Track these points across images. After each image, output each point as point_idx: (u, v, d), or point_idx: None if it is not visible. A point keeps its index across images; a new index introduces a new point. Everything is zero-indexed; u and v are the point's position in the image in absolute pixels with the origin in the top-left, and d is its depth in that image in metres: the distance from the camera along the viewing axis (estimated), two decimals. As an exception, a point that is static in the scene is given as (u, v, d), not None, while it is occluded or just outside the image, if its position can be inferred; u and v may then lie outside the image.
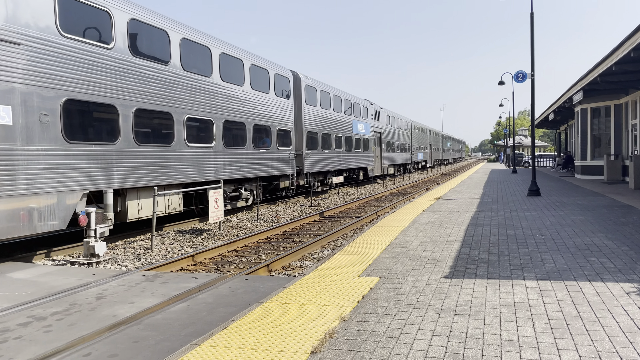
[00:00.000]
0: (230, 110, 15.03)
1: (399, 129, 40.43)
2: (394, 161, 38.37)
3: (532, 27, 16.53)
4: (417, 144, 48.50)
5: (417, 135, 48.90)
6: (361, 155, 28.94)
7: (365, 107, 30.56)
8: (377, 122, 33.51)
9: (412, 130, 45.93)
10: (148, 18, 11.76)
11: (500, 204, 13.99)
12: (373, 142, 31.86)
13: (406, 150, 43.18)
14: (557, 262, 6.56)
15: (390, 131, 37.07)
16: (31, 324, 5.22)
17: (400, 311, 4.73)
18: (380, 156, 34.31)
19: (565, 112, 28.74)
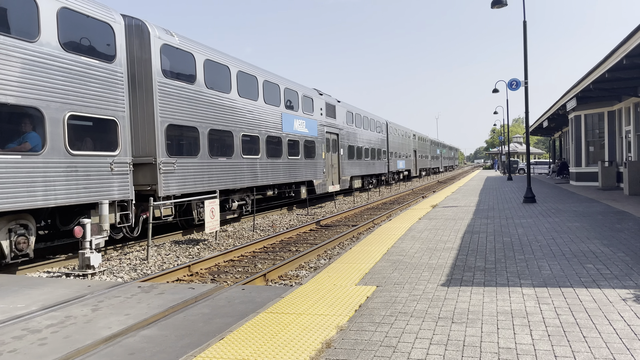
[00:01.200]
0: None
1: (367, 131, 31.81)
2: (360, 171, 29.79)
3: (525, 35, 16.67)
4: (396, 150, 40.48)
5: (397, 140, 41.04)
6: (301, 164, 20.90)
7: (310, 98, 22.24)
8: (332, 120, 24.93)
9: (387, 133, 37.65)
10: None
11: (496, 211, 14.02)
12: (323, 146, 23.44)
13: (379, 158, 34.36)
14: (553, 269, 6.57)
15: (352, 132, 28.45)
16: (26, 337, 5.17)
17: (398, 320, 4.72)
18: (337, 165, 25.81)
19: (560, 119, 28.92)
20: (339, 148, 25.93)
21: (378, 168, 34.24)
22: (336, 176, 25.61)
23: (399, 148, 42.02)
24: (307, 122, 21.74)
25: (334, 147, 25.40)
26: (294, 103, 20.49)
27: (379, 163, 34.74)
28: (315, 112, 22.65)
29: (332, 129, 25.03)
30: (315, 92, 23.10)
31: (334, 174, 25.08)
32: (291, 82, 20.43)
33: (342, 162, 26.35)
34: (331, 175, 24.64)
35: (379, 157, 34.78)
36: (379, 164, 34.74)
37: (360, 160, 29.89)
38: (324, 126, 23.78)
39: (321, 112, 23.45)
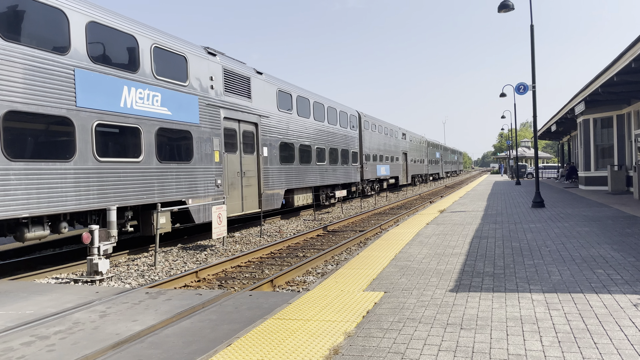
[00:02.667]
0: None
1: (321, 123, 22.67)
2: (307, 181, 20.69)
3: (532, 39, 16.61)
4: (376, 152, 31.87)
5: (377, 139, 32.35)
6: (151, 172, 11.74)
7: (175, 55, 12.90)
8: (240, 100, 15.59)
9: (361, 128, 28.98)
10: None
11: (504, 216, 13.93)
12: (217, 142, 14.25)
13: (345, 162, 25.52)
14: (563, 275, 6.50)
15: (288, 123, 18.98)
16: (34, 343, 5.18)
17: (406, 326, 4.68)
18: (257, 173, 16.52)
19: (568, 123, 28.75)
20: (258, 146, 16.49)
21: (345, 175, 25.38)
22: (253, 190, 16.17)
23: (381, 149, 33.25)
24: (167, 96, 12.20)
25: (249, 144, 16.06)
26: (120, 55, 11.16)
27: (347, 169, 25.70)
28: (191, 82, 13.15)
29: (240, 115, 15.46)
30: (194, 48, 13.69)
31: (246, 187, 15.77)
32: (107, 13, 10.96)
33: (266, 168, 16.92)
34: (239, 189, 15.32)
35: (346, 160, 25.68)
36: (347, 170, 25.73)
37: (307, 165, 20.65)
38: (217, 108, 14.26)
39: (211, 83, 13.98)
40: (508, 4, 16.02)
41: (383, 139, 34.15)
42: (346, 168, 25.79)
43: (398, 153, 38.83)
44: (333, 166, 23.91)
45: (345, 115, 26.43)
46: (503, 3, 16.05)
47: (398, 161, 38.73)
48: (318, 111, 22.55)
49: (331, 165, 23.65)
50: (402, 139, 40.70)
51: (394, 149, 37.51)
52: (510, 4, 16.04)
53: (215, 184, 13.99)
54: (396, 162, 37.98)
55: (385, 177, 34.14)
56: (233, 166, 15.12)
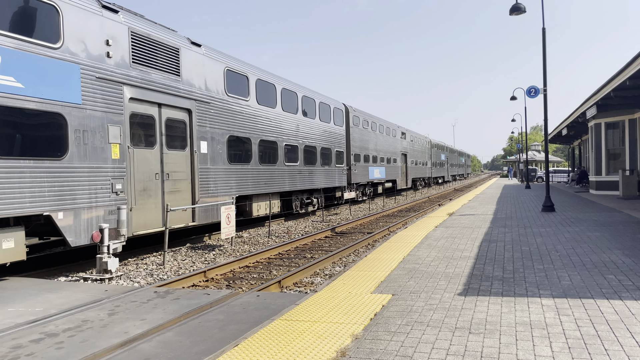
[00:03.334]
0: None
1: (294, 115, 18.96)
2: (272, 186, 17.06)
3: (544, 42, 16.50)
4: (369, 152, 28.48)
5: (369, 137, 28.79)
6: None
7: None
8: (169, 78, 12.03)
9: (349, 124, 25.41)
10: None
11: (514, 219, 13.83)
12: (122, 133, 10.53)
13: (327, 163, 22.04)
14: (573, 280, 6.44)
15: (237, 108, 15.12)
16: (43, 340, 5.22)
17: (414, 329, 4.66)
18: (192, 177, 12.89)
19: (579, 127, 28.51)
20: (192, 140, 12.75)
21: (327, 178, 21.98)
22: (183, 197, 12.33)
23: (375, 149, 29.69)
24: (15, 59, 8.48)
25: (177, 137, 12.29)
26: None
27: (329, 171, 22.27)
28: (68, 43, 9.48)
29: (163, 98, 11.69)
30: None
31: (171, 194, 11.93)
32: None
33: (205, 169, 13.21)
34: (158, 197, 11.49)
35: (328, 161, 22.10)
36: (330, 172, 22.31)
37: (270, 165, 16.94)
38: (118, 85, 10.52)
39: (107, 50, 10.31)
40: (520, 6, 15.93)
41: (377, 138, 30.45)
42: (329, 170, 22.21)
43: (396, 154, 35.17)
44: (309, 168, 20.14)
45: (328, 108, 22.57)
46: (515, 6, 15.96)
47: (396, 163, 35.01)
48: (289, 100, 18.56)
49: (307, 167, 19.86)
50: (401, 139, 37.05)
51: (391, 149, 33.90)
52: (522, 6, 15.94)
53: (112, 189, 10.18)
54: (393, 163, 34.32)
55: (379, 180, 30.52)
56: (147, 166, 11.18)
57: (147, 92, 11.28)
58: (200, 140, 13.12)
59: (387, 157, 32.84)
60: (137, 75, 11.04)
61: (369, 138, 28.83)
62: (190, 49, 12.95)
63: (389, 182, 33.37)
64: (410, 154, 40.14)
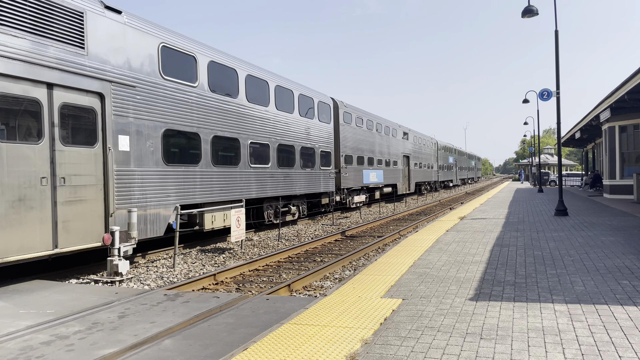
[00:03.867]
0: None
1: (266, 109, 16.13)
2: (229, 192, 13.99)
3: (557, 44, 16.36)
4: (363, 154, 25.64)
5: (363, 137, 25.88)
6: None
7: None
8: (66, 51, 9.10)
9: (339, 121, 22.83)
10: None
11: (526, 224, 13.69)
12: None
13: (309, 165, 19.15)
14: (587, 285, 6.34)
15: (178, 96, 12.08)
16: (54, 342, 5.25)
17: (424, 334, 4.61)
18: (105, 182, 9.82)
19: (592, 130, 28.21)
20: (106, 133, 10.00)
21: (308, 182, 18.86)
22: (89, 209, 9.47)
23: (370, 150, 26.83)
24: None
25: (82, 129, 9.58)
26: None
27: (312, 175, 19.25)
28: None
29: (56, 76, 8.97)
30: None
31: (69, 205, 9.09)
32: None
33: (125, 172, 10.44)
34: (45, 210, 8.66)
35: (310, 163, 19.09)
36: (313, 176, 19.30)
37: (230, 167, 14.00)
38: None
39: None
40: (532, 9, 15.81)
41: (374, 138, 27.60)
42: (311, 173, 19.16)
43: (397, 156, 32.27)
44: (285, 170, 17.03)
45: (310, 102, 19.36)
46: (527, 8, 15.85)
47: (396, 166, 31.97)
48: (257, 90, 15.45)
49: (282, 169, 16.80)
50: (402, 140, 34.04)
51: (391, 151, 31.02)
52: (535, 9, 15.82)
53: None
54: (393, 166, 31.37)
55: (376, 185, 27.55)
56: (26, 167, 8.38)
57: (26, 67, 8.41)
58: (119, 134, 10.23)
59: (386, 160, 30.03)
60: (8, 43, 8.15)
61: (363, 138, 26.06)
62: (103, 14, 9.95)
63: (389, 186, 30.56)
64: (414, 156, 37.18)
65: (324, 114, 20.80)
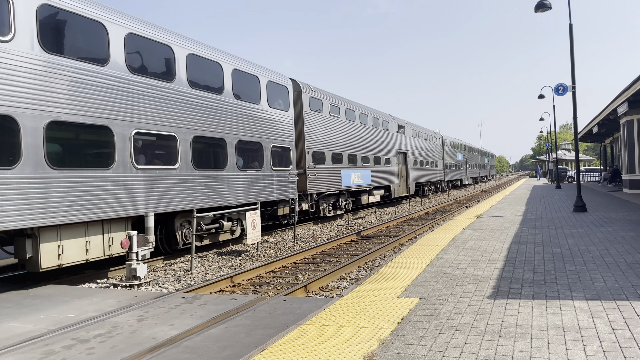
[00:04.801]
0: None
1: (181, 88, 11.65)
2: (102, 206, 9.36)
3: (572, 38, 16.15)
4: (340, 149, 21.14)
5: (341, 129, 21.46)
6: None
7: None
8: None
9: (302, 109, 18.18)
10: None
11: (544, 220, 13.53)
12: None
13: (255, 166, 14.60)
14: (607, 281, 6.24)
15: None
16: (75, 346, 5.32)
17: (442, 333, 4.58)
18: None
19: (610, 124, 27.77)
20: None
21: (256, 188, 14.52)
22: None
23: (352, 146, 22.37)
24: None
25: None
26: None
27: (259, 178, 14.69)
28: None
29: None
30: None
31: None
32: None
33: None
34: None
35: (256, 162, 14.71)
36: (264, 179, 14.93)
37: (88, 170, 9.20)
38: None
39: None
40: (545, 3, 15.62)
41: (355, 131, 22.87)
42: (256, 176, 14.42)
43: (390, 153, 27.46)
44: (208, 172, 12.47)
45: (253, 81, 14.56)
46: (540, 3, 15.66)
47: (389, 164, 27.19)
48: (151, 58, 11.07)
49: (201, 171, 12.21)
50: (398, 134, 29.24)
51: (382, 147, 26.25)
52: (548, 3, 15.63)
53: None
54: (385, 165, 26.60)
55: (361, 187, 23.10)
56: None
57: None
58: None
59: (375, 157, 25.22)
60: None
61: (341, 131, 21.26)
62: None
63: (380, 188, 25.93)
64: (412, 153, 32.14)
65: (278, 98, 15.77)
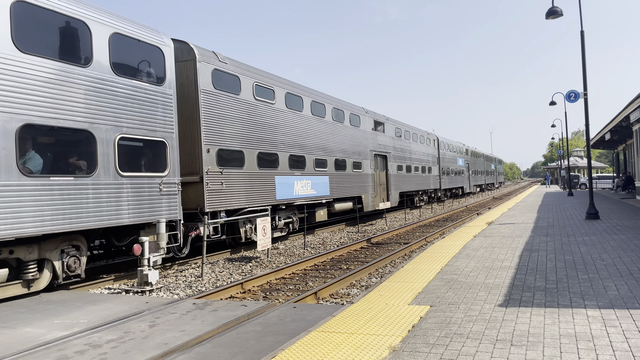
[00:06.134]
0: None
1: None
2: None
3: (583, 45, 16.06)
4: (270, 146, 15.14)
5: (276, 118, 15.50)
6: None
7: None
8: None
9: (197, 80, 12.31)
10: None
11: (556, 228, 13.42)
12: None
13: (99, 172, 9.04)
14: (620, 290, 6.18)
15: None
16: (87, 351, 5.37)
17: (453, 341, 4.57)
18: None
19: (623, 131, 27.49)
20: None
21: (88, 206, 8.86)
22: None
23: (296, 144, 16.68)
24: None
25: None
26: None
27: (102, 191, 9.17)
28: None
29: None
30: None
31: None
32: None
33: None
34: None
35: (89, 166, 9.06)
36: (102, 192, 9.18)
37: None
38: None
39: None
40: (556, 10, 15.58)
41: (301, 124, 17.01)
42: (78, 186, 8.82)
43: (360, 154, 21.83)
44: None
45: (80, 30, 9.27)
46: (551, 9, 15.62)
47: (359, 170, 21.59)
48: None
49: None
50: (374, 132, 23.74)
51: (347, 147, 20.54)
52: (559, 10, 15.58)
53: None
54: (354, 171, 21.01)
55: (314, 199, 17.43)
56: None
57: None
58: None
59: (338, 160, 19.54)
60: None
61: (275, 122, 15.45)
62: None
63: (347, 200, 20.36)
64: (396, 155, 26.61)
65: (139, 64, 10.63)
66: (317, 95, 18.75)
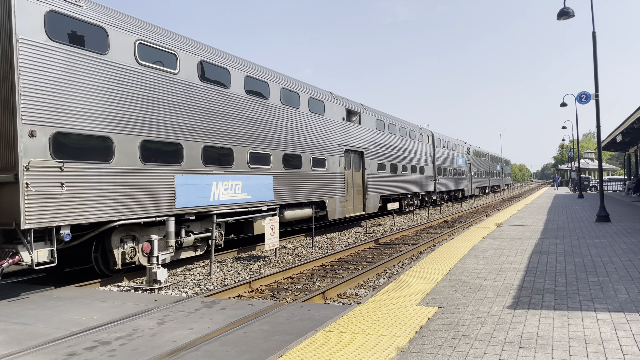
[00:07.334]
0: None
1: None
2: None
3: (595, 46, 15.94)
4: (170, 135, 10.78)
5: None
6: None
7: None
8: None
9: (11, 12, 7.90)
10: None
11: (566, 230, 13.32)
12: None
13: None
14: (631, 293, 6.13)
15: None
16: (96, 348, 5.41)
17: (461, 343, 4.55)
18: None
19: (635, 133, 27.25)
20: None
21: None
22: None
23: (220, 134, 12.47)
24: None
25: None
26: None
27: None
28: None
29: None
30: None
31: None
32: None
33: None
34: None
35: None
36: None
37: None
38: None
39: None
40: (568, 10, 15.45)
41: (227, 106, 12.81)
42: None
43: (324, 150, 17.77)
44: None
45: None
46: (563, 10, 15.50)
47: (322, 168, 17.56)
48: None
49: None
50: (344, 122, 19.56)
51: (304, 140, 16.44)
52: (570, 10, 15.46)
53: None
54: (313, 169, 16.94)
55: (248, 205, 13.40)
56: None
57: None
58: None
59: (287, 155, 15.51)
60: None
61: (182, 97, 11.33)
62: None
63: (301, 206, 16.50)
64: (376, 152, 22.62)
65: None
66: (256, 70, 14.38)
